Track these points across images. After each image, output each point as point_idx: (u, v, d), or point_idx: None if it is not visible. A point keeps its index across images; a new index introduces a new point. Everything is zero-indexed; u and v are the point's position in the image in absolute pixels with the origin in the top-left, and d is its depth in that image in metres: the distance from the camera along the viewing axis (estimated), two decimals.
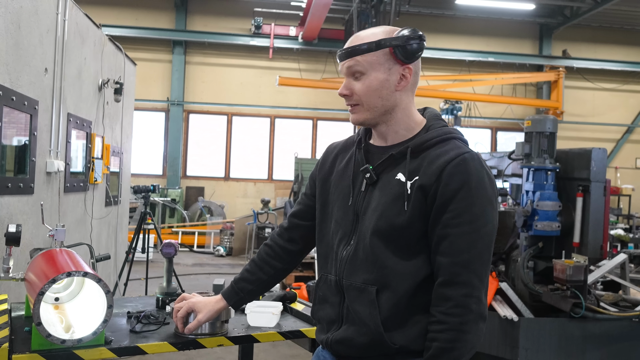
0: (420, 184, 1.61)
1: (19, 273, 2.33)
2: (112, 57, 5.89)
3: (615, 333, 4.25)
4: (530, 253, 4.76)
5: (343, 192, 1.77)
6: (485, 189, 1.60)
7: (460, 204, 1.57)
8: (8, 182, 3.48)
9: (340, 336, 1.69)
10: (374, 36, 1.65)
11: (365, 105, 1.68)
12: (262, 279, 1.96)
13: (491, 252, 1.64)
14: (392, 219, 1.62)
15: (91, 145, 5.15)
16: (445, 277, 1.57)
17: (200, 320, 1.97)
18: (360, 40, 1.66)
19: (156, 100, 14.75)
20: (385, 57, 1.64)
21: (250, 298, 2.00)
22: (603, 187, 4.63)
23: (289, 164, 14.65)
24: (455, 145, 1.64)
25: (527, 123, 4.97)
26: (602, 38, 16.31)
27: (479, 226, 1.58)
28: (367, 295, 1.64)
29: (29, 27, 3.69)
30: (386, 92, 1.66)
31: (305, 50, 14.75)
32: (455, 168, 1.58)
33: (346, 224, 1.73)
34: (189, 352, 4.96)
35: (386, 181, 1.67)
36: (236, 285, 1.98)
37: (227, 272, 9.89)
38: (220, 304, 1.98)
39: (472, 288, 1.55)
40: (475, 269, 1.56)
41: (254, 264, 1.99)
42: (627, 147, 16.66)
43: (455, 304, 1.54)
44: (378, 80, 1.65)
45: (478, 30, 15.68)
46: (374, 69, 1.65)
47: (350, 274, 1.69)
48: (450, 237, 1.57)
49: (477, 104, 14.99)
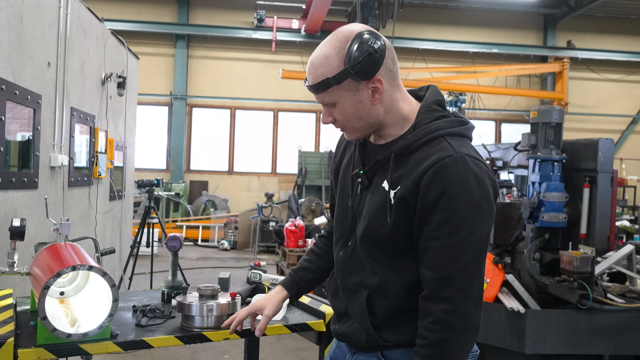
0: (400, 196, 1.56)
1: (23, 267, 2.32)
2: (115, 51, 5.87)
3: (623, 324, 4.22)
4: (537, 245, 4.73)
5: (344, 191, 1.77)
6: (470, 194, 1.49)
7: (440, 215, 1.50)
8: (12, 177, 3.47)
9: (343, 330, 1.75)
10: (328, 63, 1.56)
11: (350, 127, 1.65)
12: (322, 267, 1.97)
13: (481, 261, 1.55)
14: (377, 228, 1.61)
15: (95, 139, 5.14)
16: (427, 292, 1.54)
17: (269, 315, 1.89)
18: (316, 70, 1.58)
19: (159, 94, 14.73)
20: (351, 82, 1.56)
21: (310, 287, 2.00)
22: (610, 178, 4.59)
23: (292, 157, 14.64)
24: (439, 148, 1.55)
25: (533, 114, 4.92)
26: (607, 28, 16.19)
27: (461, 238, 1.50)
28: (359, 297, 1.67)
29: (31, 20, 3.66)
30: (364, 112, 1.61)
31: (308, 43, 14.69)
32: (433, 177, 1.50)
33: (345, 225, 1.75)
34: (195, 346, 4.96)
35: (376, 186, 1.65)
36: (296, 275, 1.97)
37: (232, 265, 9.90)
38: (281, 294, 1.95)
39: (454, 304, 1.50)
40: (458, 283, 1.50)
41: (314, 253, 2.00)
42: (632, 138, 16.57)
43: (435, 319, 1.51)
44: (351, 105, 1.60)
45: (482, 21, 15.58)
46: (342, 96, 1.59)
47: (346, 275, 1.73)
48: (431, 251, 1.52)
49: (481, 96, 14.91)
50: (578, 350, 4.24)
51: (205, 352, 5.23)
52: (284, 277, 2.02)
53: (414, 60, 14.85)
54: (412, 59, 14.83)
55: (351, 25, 1.62)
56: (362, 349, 1.71)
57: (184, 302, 2.17)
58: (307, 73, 1.62)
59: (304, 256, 2.04)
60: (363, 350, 1.71)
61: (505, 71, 14.92)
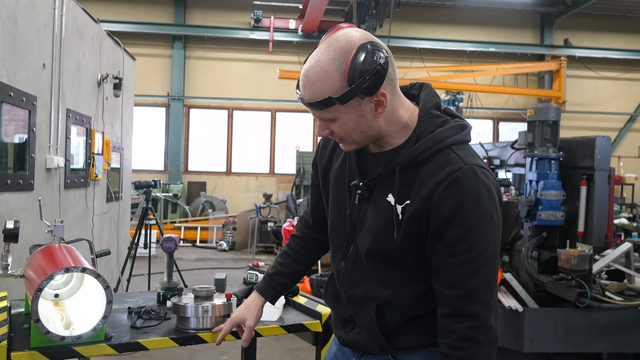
0: (411, 213, 1.51)
1: (17, 270, 2.30)
2: (111, 52, 5.86)
3: (621, 322, 4.22)
4: (534, 243, 4.72)
5: (339, 198, 1.71)
6: (483, 207, 1.46)
7: (456, 231, 1.45)
8: (7, 179, 3.46)
9: (351, 339, 1.72)
10: (328, 79, 1.44)
11: (349, 140, 1.57)
12: (298, 270, 1.96)
13: (496, 274, 1.53)
14: (385, 243, 1.56)
15: (91, 140, 5.13)
16: (448, 310, 1.49)
17: (250, 325, 1.90)
18: (314, 86, 1.46)
19: (156, 95, 14.71)
20: (353, 99, 1.46)
21: (286, 291, 1.99)
22: (607, 176, 4.59)
23: (290, 157, 14.61)
24: (448, 160, 1.49)
25: (530, 112, 4.92)
26: (604, 26, 16.19)
27: (480, 252, 1.46)
28: (367, 309, 1.63)
29: (25, 22, 3.65)
30: (365, 126, 1.52)
31: (305, 42, 14.68)
32: (446, 192, 1.46)
33: (343, 234, 1.70)
34: (193, 347, 4.94)
35: (378, 199, 1.59)
36: (272, 281, 1.95)
37: (230, 266, 9.88)
38: (258, 301, 1.95)
39: (479, 319, 1.47)
40: (480, 298, 1.47)
41: (288, 256, 1.97)
42: (630, 136, 16.57)
43: (460, 336, 1.47)
44: (352, 121, 1.50)
45: (479, 20, 15.58)
46: (344, 112, 1.49)
47: (350, 287, 1.68)
48: (449, 268, 1.48)
49: (478, 95, 14.91)
50: (576, 349, 4.24)
51: (204, 354, 5.21)
52: (259, 282, 1.99)
53: (411, 60, 14.85)
54: (409, 58, 14.82)
55: (347, 32, 1.50)
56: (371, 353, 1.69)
57: (178, 304, 2.15)
58: (301, 87, 1.49)
59: (278, 258, 2.00)
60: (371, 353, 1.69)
61: (502, 70, 14.91)
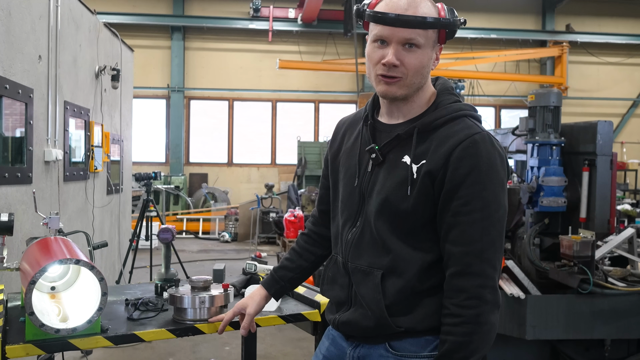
0: (428, 170, 1.54)
1: (13, 263, 2.29)
2: (108, 44, 5.82)
3: (624, 308, 4.20)
4: (536, 230, 4.69)
5: (350, 171, 1.72)
6: (497, 171, 1.53)
7: (470, 190, 1.50)
8: (5, 172, 3.44)
9: (346, 318, 1.68)
10: (429, 7, 1.59)
11: (407, 80, 1.58)
12: (303, 266, 1.96)
13: (503, 237, 1.56)
14: (396, 204, 1.57)
15: (90, 133, 5.10)
16: (458, 268, 1.51)
17: (251, 313, 1.89)
18: (418, 7, 1.56)
19: (156, 87, 14.67)
20: (435, 36, 1.60)
21: (292, 286, 1.99)
22: (609, 161, 4.54)
23: (292, 147, 14.58)
24: (466, 125, 1.57)
25: (530, 97, 4.87)
26: (606, 11, 16.06)
27: (491, 212, 1.51)
28: (372, 278, 1.61)
29: (20, 13, 3.61)
30: (427, 70, 1.61)
31: (305, 32, 14.60)
32: (465, 151, 1.51)
33: (352, 205, 1.70)
34: (195, 338, 4.94)
35: (392, 163, 1.61)
36: (276, 274, 1.95)
37: (233, 257, 9.89)
38: (262, 292, 1.94)
39: (486, 278, 1.49)
40: (489, 258, 1.50)
41: (294, 252, 1.98)
42: (632, 122, 16.48)
43: (470, 295, 1.49)
44: (428, 57, 1.60)
45: (480, 6, 15.47)
46: (429, 45, 1.59)
47: (356, 257, 1.66)
48: (461, 226, 1.51)
49: (480, 82, 14.83)
50: (579, 335, 4.22)
51: (206, 344, 5.22)
52: (265, 276, 2.00)
53: None
54: None
55: None
56: (367, 340, 1.65)
57: (175, 295, 2.14)
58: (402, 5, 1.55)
59: (285, 254, 2.02)
60: (367, 341, 1.65)
61: (504, 56, 14.82)
